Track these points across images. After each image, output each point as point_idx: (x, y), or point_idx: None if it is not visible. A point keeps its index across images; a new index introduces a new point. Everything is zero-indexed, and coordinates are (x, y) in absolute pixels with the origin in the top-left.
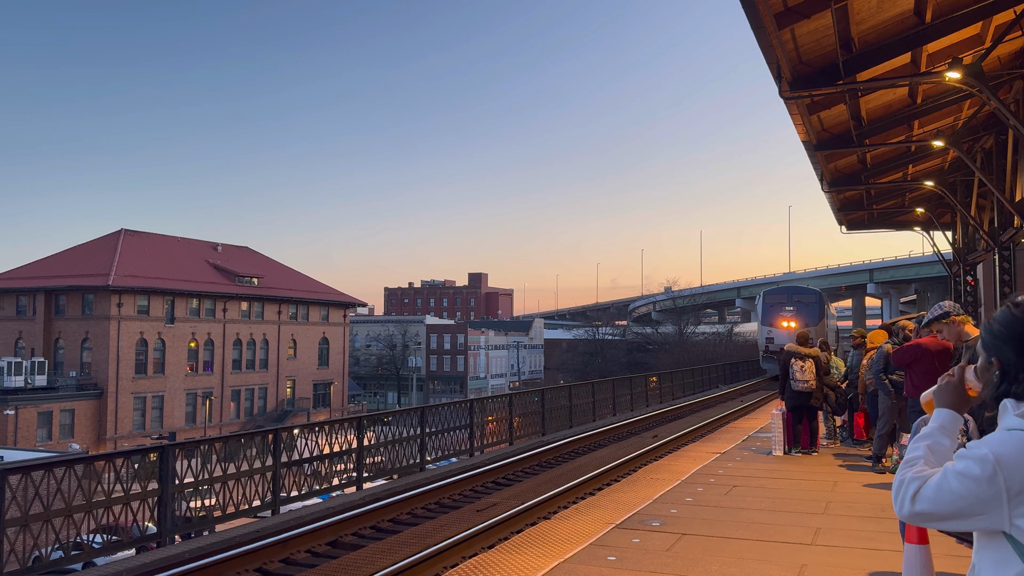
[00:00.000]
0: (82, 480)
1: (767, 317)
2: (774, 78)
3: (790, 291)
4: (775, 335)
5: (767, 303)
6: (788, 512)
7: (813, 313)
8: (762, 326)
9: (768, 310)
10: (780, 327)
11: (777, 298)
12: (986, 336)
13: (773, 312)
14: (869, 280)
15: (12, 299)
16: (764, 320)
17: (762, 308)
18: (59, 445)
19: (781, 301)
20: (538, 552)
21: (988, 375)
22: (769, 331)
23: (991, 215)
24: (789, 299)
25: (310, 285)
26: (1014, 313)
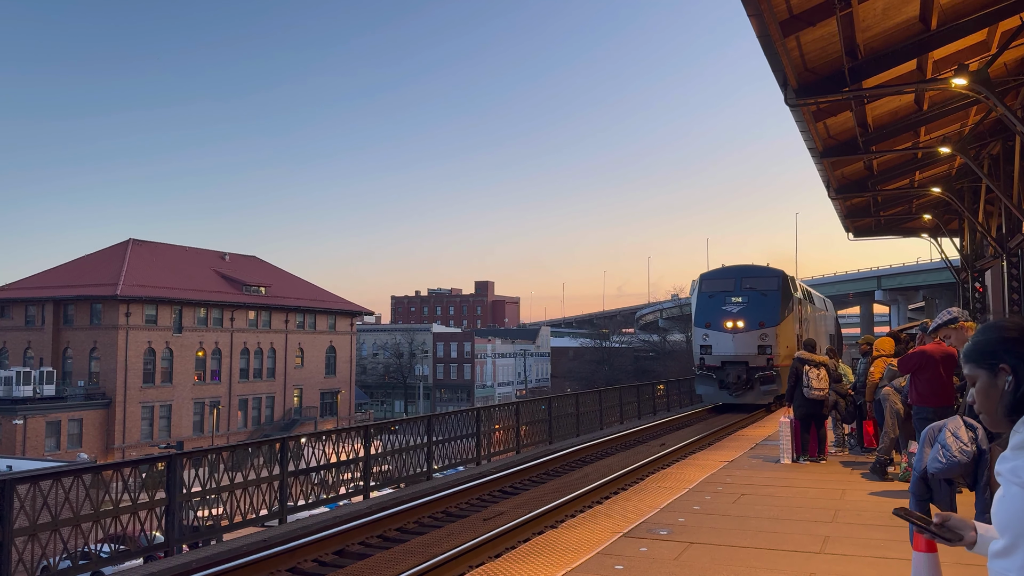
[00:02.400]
0: (90, 489)
1: (704, 313)
2: (780, 86)
3: (738, 273)
4: (714, 341)
5: (704, 292)
6: (796, 520)
7: (771, 307)
8: (696, 327)
9: (705, 304)
10: (723, 328)
11: (718, 284)
12: (984, 349)
13: (712, 306)
14: (877, 287)
15: (21, 309)
16: (700, 317)
17: (697, 300)
18: (67, 454)
19: (725, 289)
20: (545, 561)
21: (995, 387)
22: (706, 335)
23: (999, 221)
24: (736, 286)
25: (317, 294)
26: (1007, 320)
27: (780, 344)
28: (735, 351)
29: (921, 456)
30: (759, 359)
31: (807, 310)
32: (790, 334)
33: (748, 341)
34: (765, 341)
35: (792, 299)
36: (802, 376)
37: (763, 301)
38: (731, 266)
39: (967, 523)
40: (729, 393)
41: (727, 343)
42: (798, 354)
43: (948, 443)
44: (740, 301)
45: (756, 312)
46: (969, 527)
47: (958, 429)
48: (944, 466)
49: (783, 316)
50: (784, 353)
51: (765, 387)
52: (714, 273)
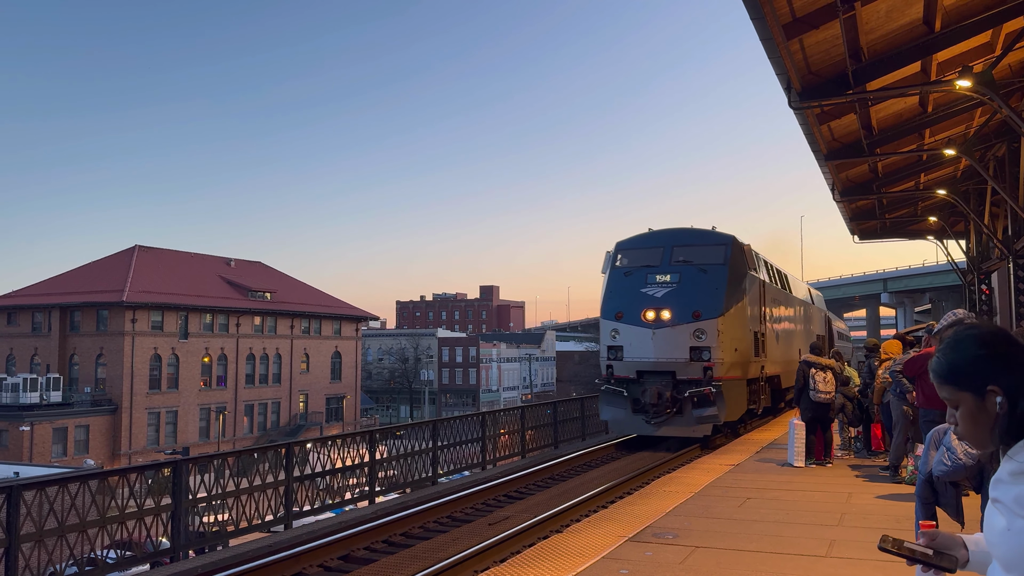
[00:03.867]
0: (96, 495)
1: (614, 298)
2: (783, 89)
3: (668, 240)
4: (627, 340)
5: (618, 269)
6: (802, 524)
7: (713, 289)
8: (604, 320)
9: (618, 285)
10: (641, 321)
11: (639, 257)
12: (965, 369)
13: (627, 288)
14: (883, 290)
15: (28, 316)
16: (608, 305)
17: (607, 280)
18: (74, 461)
19: (647, 263)
20: (550, 566)
21: (984, 411)
22: (615, 331)
23: (1005, 223)
24: (664, 258)
25: (322, 299)
26: (982, 331)
27: (725, 345)
28: (656, 355)
29: (926, 459)
30: (692, 368)
31: (776, 297)
32: (742, 330)
33: (676, 340)
34: (702, 340)
35: (747, 279)
36: (809, 379)
37: (702, 281)
38: (659, 230)
39: (955, 540)
40: (646, 419)
41: (644, 343)
42: (804, 357)
43: (953, 446)
44: (668, 281)
45: (690, 296)
46: (959, 544)
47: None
48: (949, 469)
49: (731, 303)
50: (732, 359)
51: (700, 411)
52: (634, 241)
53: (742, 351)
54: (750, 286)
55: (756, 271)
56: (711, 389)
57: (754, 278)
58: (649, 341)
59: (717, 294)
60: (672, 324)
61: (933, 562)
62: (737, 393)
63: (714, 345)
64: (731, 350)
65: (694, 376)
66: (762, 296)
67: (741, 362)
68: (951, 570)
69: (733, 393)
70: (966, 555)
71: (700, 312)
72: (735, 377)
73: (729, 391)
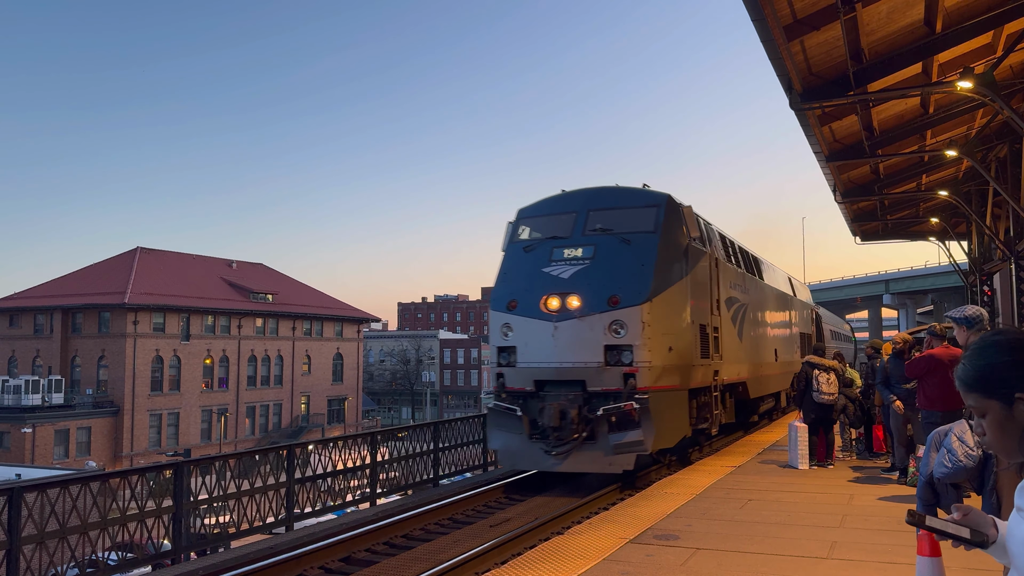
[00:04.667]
0: (97, 497)
1: (509, 283)
2: (784, 90)
3: (584, 203)
4: (522, 338)
5: (517, 244)
6: (804, 526)
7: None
8: (493, 311)
9: (517, 264)
10: (540, 311)
11: (547, 225)
12: (992, 376)
13: (527, 268)
14: (885, 291)
15: (30, 317)
16: (501, 291)
17: (504, 259)
18: (76, 463)
19: (556, 233)
20: (551, 568)
21: (1012, 420)
22: (507, 326)
23: (1007, 224)
24: (577, 227)
25: (324, 301)
26: (1009, 337)
27: (654, 341)
28: (558, 357)
29: (927, 461)
30: (608, 375)
31: (738, 283)
32: (681, 322)
33: (587, 337)
34: (621, 336)
35: (691, 254)
36: (812, 381)
37: (624, 255)
38: (572, 191)
39: (987, 518)
40: (546, 448)
41: (544, 342)
42: (807, 358)
43: (954, 448)
44: (579, 257)
45: (607, 276)
46: (989, 524)
47: (964, 434)
48: (950, 471)
49: (664, 284)
50: (665, 362)
51: (618, 436)
52: (540, 206)
53: (681, 350)
54: (695, 263)
55: (705, 244)
56: (634, 404)
57: (701, 253)
58: (550, 339)
59: (643, 272)
60: (581, 314)
61: (964, 536)
62: (674, 408)
63: (638, 343)
64: (662, 349)
65: (611, 386)
66: (715, 278)
67: (679, 365)
68: (982, 545)
69: (667, 409)
70: (996, 534)
71: (619, 297)
72: (669, 387)
73: (661, 406)
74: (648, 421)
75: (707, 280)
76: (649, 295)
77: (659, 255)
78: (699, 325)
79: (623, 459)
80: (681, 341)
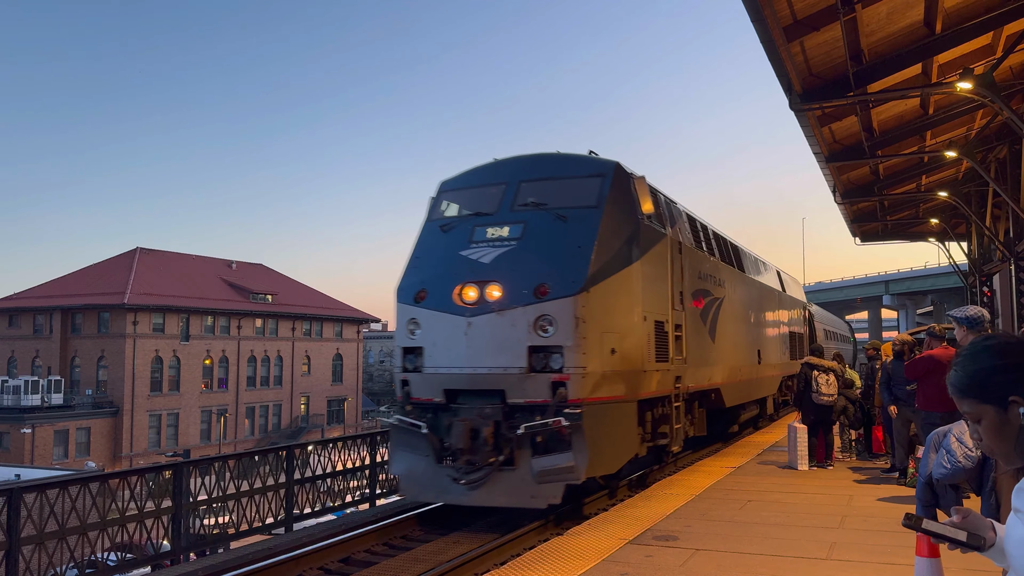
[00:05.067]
0: (96, 498)
1: (420, 268)
2: (784, 91)
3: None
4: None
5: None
6: (803, 527)
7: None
8: (400, 304)
9: (430, 247)
10: (452, 304)
11: (470, 199)
12: (986, 381)
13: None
14: (885, 292)
15: (29, 318)
16: (409, 280)
17: (418, 240)
18: (75, 463)
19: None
20: (550, 568)
21: (1008, 423)
22: (413, 322)
23: (1006, 225)
24: (505, 200)
25: (324, 301)
26: (999, 341)
27: (591, 341)
28: (471, 362)
29: (926, 462)
30: (533, 383)
31: (711, 273)
32: (629, 317)
33: (507, 336)
34: (550, 335)
35: (645, 234)
36: (811, 382)
37: (558, 234)
38: (504, 159)
39: (985, 521)
40: (454, 475)
41: (455, 342)
42: (806, 359)
43: (953, 449)
44: (504, 237)
45: (534, 260)
46: (987, 527)
47: (963, 434)
48: (949, 472)
49: (607, 270)
50: (606, 367)
51: (544, 462)
52: (466, 177)
53: (628, 353)
54: (650, 247)
55: (665, 225)
56: (563, 421)
57: (658, 235)
58: (463, 338)
59: (580, 256)
60: (501, 308)
61: (960, 540)
62: (616, 424)
63: (570, 343)
64: (602, 351)
65: (536, 398)
66: (679, 267)
67: (626, 371)
68: (979, 548)
69: (607, 425)
70: (994, 537)
71: (548, 286)
72: (611, 398)
73: (599, 422)
74: (581, 441)
75: (666, 268)
76: (585, 284)
77: (602, 235)
78: (655, 322)
79: (549, 490)
80: (628, 341)
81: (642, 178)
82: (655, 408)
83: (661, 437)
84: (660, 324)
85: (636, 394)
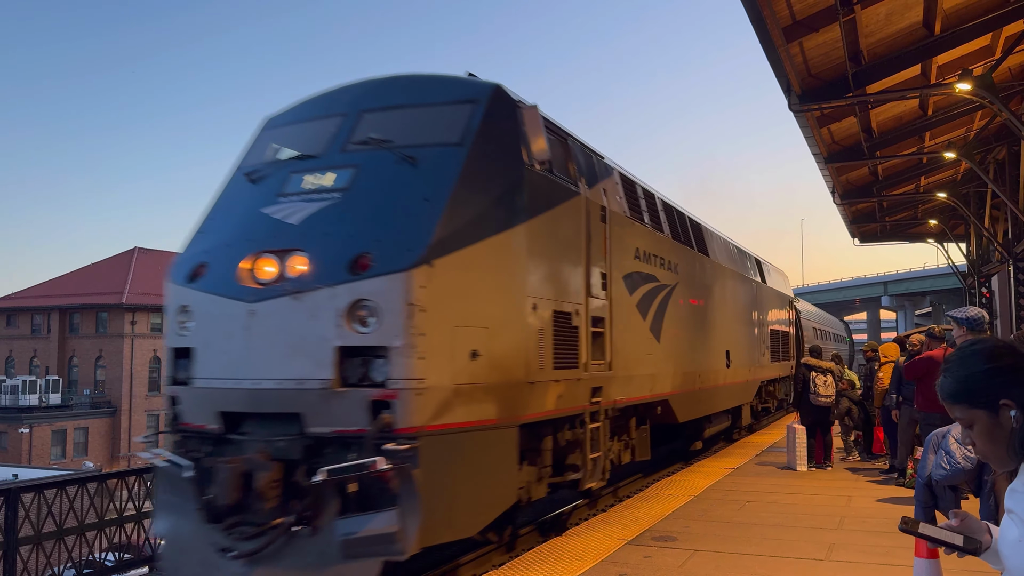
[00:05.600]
0: (94, 498)
1: (207, 233)
2: (783, 91)
3: (356, 100)
4: (202, 333)
5: (243, 172)
6: (802, 527)
7: (417, 204)
8: (171, 283)
9: (230, 203)
10: (238, 280)
11: (299, 138)
12: (976, 386)
13: (243, 211)
14: (883, 293)
15: (27, 317)
16: (187, 254)
17: (223, 193)
18: (73, 463)
19: (307, 150)
20: (549, 569)
21: (1000, 427)
22: (184, 308)
23: (1005, 226)
24: (339, 140)
25: None
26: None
27: (438, 341)
28: (254, 370)
29: (925, 463)
30: (343, 404)
31: (659, 252)
32: (504, 304)
33: (304, 332)
34: (371, 330)
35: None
36: (809, 383)
37: (400, 182)
38: (347, 85)
39: (982, 524)
40: (224, 542)
41: (233, 341)
42: (804, 360)
43: (952, 450)
44: (326, 188)
45: (361, 218)
46: (983, 529)
47: (962, 435)
48: (948, 473)
49: (469, 233)
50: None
51: (355, 524)
52: (300, 110)
53: (502, 356)
54: (548, 206)
55: (576, 181)
56: (385, 463)
57: (565, 192)
58: (241, 335)
59: (426, 212)
60: (297, 290)
61: (957, 544)
62: (480, 463)
63: (400, 343)
64: (455, 354)
65: (348, 426)
66: (600, 238)
67: (499, 384)
68: (975, 552)
69: (464, 465)
70: (990, 540)
71: (371, 257)
72: (473, 423)
73: (448, 462)
74: (412, 493)
75: (579, 239)
76: (428, 253)
77: (463, 184)
78: (553, 313)
79: (360, 570)
80: (503, 340)
81: (534, 108)
82: (560, 432)
83: (572, 470)
84: (564, 316)
85: (516, 416)
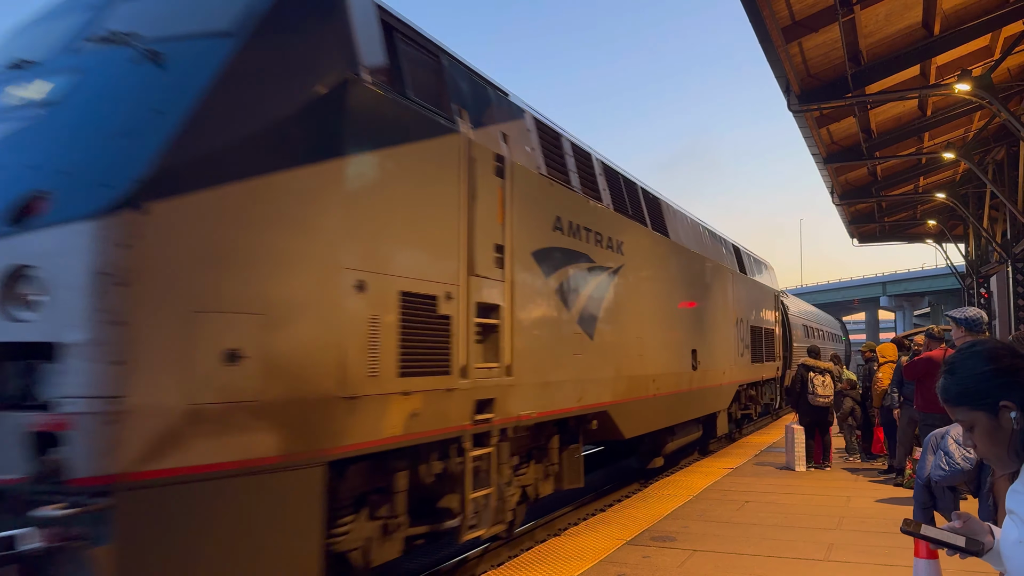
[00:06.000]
0: None
1: None
2: (783, 91)
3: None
4: None
5: None
6: (801, 528)
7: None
8: None
9: None
10: None
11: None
12: (977, 388)
13: None
14: (882, 293)
15: None
16: None
17: None
18: None
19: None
20: (547, 569)
21: (1000, 428)
22: None
23: (1004, 227)
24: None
25: None
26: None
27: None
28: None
29: (924, 463)
30: None
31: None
32: (310, 280)
33: None
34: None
35: (361, 99)
36: (807, 383)
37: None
38: None
39: (984, 526)
40: None
41: None
42: (802, 361)
43: (951, 450)
44: (33, 101)
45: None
46: (985, 531)
47: (961, 436)
48: (947, 474)
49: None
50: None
51: None
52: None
53: (297, 355)
54: (397, 140)
55: (452, 115)
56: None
57: (432, 126)
58: None
59: (147, 127)
60: None
61: (959, 545)
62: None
63: (79, 337)
64: (196, 353)
65: None
66: (494, 198)
67: (283, 403)
68: (977, 553)
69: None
70: (992, 541)
71: (48, 196)
72: (227, 464)
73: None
74: None
75: (456, 192)
76: (137, 191)
77: (225, 90)
78: (400, 295)
79: None
80: (292, 332)
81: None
82: (422, 464)
83: (446, 517)
84: (424, 301)
85: (321, 448)
